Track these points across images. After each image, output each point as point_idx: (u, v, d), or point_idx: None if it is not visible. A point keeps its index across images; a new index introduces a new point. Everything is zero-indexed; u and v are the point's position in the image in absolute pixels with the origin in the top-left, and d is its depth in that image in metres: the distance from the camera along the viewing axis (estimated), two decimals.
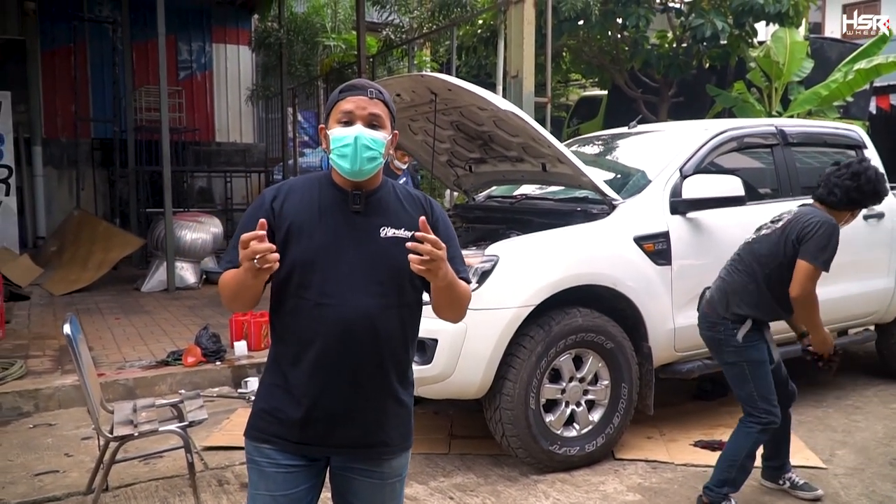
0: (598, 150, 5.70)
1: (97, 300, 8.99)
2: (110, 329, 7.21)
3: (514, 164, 4.93)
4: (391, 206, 2.03)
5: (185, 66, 14.32)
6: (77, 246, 10.65)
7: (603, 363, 4.14)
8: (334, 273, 1.93)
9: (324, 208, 1.98)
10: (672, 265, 4.30)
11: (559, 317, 3.97)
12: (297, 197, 2.00)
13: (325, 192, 2.01)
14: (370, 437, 2.01)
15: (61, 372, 5.61)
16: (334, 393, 1.95)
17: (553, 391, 4.03)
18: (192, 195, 14.03)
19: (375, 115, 1.98)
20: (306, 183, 2.06)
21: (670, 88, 11.20)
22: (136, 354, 6.15)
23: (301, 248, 1.94)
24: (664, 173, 4.51)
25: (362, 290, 1.94)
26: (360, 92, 1.99)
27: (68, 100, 13.22)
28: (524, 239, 4.11)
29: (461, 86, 4.10)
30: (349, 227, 1.98)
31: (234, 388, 5.64)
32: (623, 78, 11.28)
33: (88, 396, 3.34)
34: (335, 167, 1.99)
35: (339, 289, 1.92)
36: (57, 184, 13.17)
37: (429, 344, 3.81)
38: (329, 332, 1.92)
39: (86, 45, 13.35)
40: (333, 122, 1.99)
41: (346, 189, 2.00)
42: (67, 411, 5.16)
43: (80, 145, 13.33)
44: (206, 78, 14.57)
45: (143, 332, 7.04)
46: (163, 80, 9.36)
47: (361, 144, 1.94)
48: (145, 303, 8.81)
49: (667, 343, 4.32)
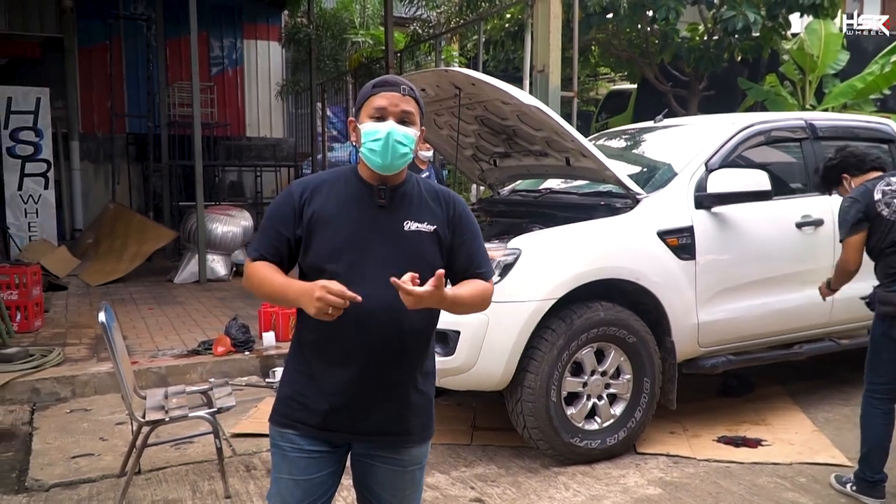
0: (623, 144, 5.68)
1: (131, 291, 9.19)
2: (144, 319, 7.38)
3: (538, 159, 4.95)
4: (415, 201, 2.07)
5: (217, 63, 14.49)
6: (112, 238, 10.88)
7: (625, 357, 4.14)
8: (359, 266, 1.98)
9: (350, 201, 2.03)
10: (696, 260, 4.28)
11: (581, 310, 3.98)
12: (324, 190, 2.05)
13: (352, 186, 2.06)
14: (391, 425, 2.06)
15: (97, 359, 5.77)
16: (357, 381, 2.00)
17: (575, 384, 4.05)
18: (223, 189, 14.22)
19: (407, 111, 2.02)
20: (333, 177, 2.11)
21: (701, 82, 11.09)
22: (168, 343, 6.29)
23: (327, 239, 1.99)
24: (689, 167, 4.49)
25: (386, 282, 1.97)
26: (393, 88, 2.02)
27: (104, 96, 13.45)
28: (547, 232, 4.13)
29: (485, 80, 4.12)
30: (374, 220, 2.02)
31: (262, 377, 5.75)
32: (653, 71, 11.19)
33: (122, 383, 3.44)
34: (365, 161, 2.03)
35: (365, 282, 1.96)
36: (93, 178, 13.43)
37: (451, 335, 3.85)
38: (353, 322, 1.95)
39: (121, 43, 13.56)
40: (365, 117, 2.03)
41: (371, 183, 2.05)
42: (103, 397, 5.31)
43: (116, 140, 13.57)
44: (237, 74, 14.73)
45: (175, 322, 7.19)
46: (195, 76, 9.51)
47: (393, 140, 1.98)
48: (177, 294, 8.98)
49: (690, 338, 4.31)
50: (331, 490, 2.13)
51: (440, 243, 2.06)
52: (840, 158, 3.83)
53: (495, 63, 12.58)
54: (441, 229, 2.06)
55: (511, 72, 11.76)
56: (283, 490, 2.08)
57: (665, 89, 11.14)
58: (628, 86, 14.45)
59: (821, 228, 4.75)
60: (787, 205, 4.75)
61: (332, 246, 1.99)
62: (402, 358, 2.03)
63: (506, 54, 11.93)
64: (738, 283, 4.45)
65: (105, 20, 13.31)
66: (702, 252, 4.31)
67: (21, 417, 4.92)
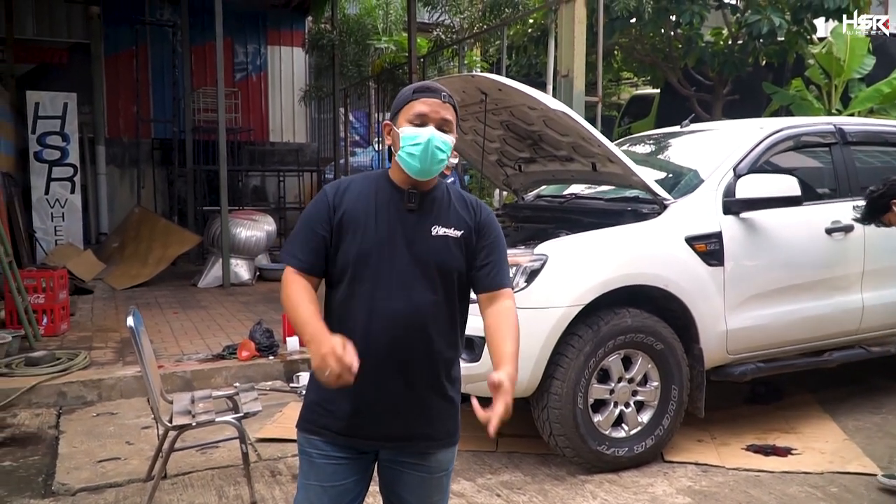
0: (649, 149, 5.64)
1: (156, 295, 9.25)
2: (168, 323, 7.42)
3: (564, 164, 4.91)
4: (444, 207, 2.08)
5: (241, 68, 14.60)
6: (137, 242, 10.98)
7: (652, 364, 4.09)
8: (387, 268, 1.98)
9: (380, 205, 2.03)
10: (725, 266, 4.22)
11: (608, 317, 3.94)
12: (355, 193, 2.06)
13: (382, 190, 2.06)
14: (416, 431, 2.06)
15: (122, 363, 5.80)
16: (383, 387, 2.00)
17: (601, 391, 4.01)
18: (246, 194, 14.31)
19: (447, 119, 2.04)
20: (364, 180, 2.11)
21: (725, 86, 10.99)
22: (193, 348, 6.32)
23: (356, 242, 2.00)
24: (717, 173, 4.43)
25: (414, 286, 1.98)
26: (435, 95, 2.03)
27: (130, 101, 13.60)
28: (573, 238, 4.09)
29: (511, 85, 4.10)
30: (403, 224, 2.02)
31: (287, 382, 5.75)
32: (676, 76, 11.11)
33: (150, 387, 3.45)
34: (402, 165, 2.03)
35: (392, 284, 1.97)
36: (119, 182, 13.56)
37: (477, 341, 3.81)
38: (380, 326, 1.96)
39: (147, 49, 13.70)
40: (404, 121, 2.03)
41: (402, 187, 2.05)
42: (128, 401, 5.34)
43: (141, 145, 13.71)
44: (261, 79, 14.83)
45: (199, 327, 7.22)
46: (220, 82, 9.59)
47: (433, 146, 2.00)
48: (202, 298, 9.03)
49: (719, 345, 4.25)
50: (359, 497, 2.12)
51: (466, 249, 2.07)
52: (888, 186, 3.82)
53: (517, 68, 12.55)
54: (467, 235, 2.07)
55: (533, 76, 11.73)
56: (311, 496, 2.08)
57: (689, 94, 11.06)
58: (651, 90, 14.37)
59: (851, 234, 4.67)
60: (817, 210, 4.68)
61: (360, 248, 1.99)
62: (429, 363, 2.03)
63: (528, 59, 11.92)
64: (767, 289, 4.39)
65: (131, 26, 13.47)
66: (730, 258, 4.25)
67: (47, 421, 4.95)
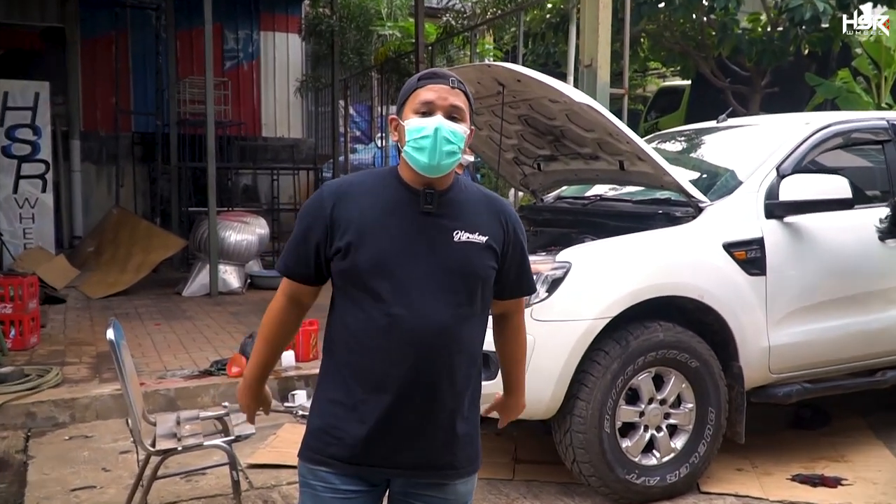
0: (681, 146, 5.63)
1: (136, 304, 9.25)
2: (150, 335, 7.42)
3: (588, 162, 4.90)
4: (464, 208, 2.04)
5: (232, 56, 14.62)
6: (115, 246, 10.98)
7: (687, 384, 4.07)
8: (405, 281, 1.94)
9: (391, 209, 1.99)
10: (767, 275, 4.20)
11: (638, 331, 3.92)
12: (360, 196, 2.01)
13: (393, 191, 2.02)
14: (437, 458, 2.03)
15: (99, 380, 5.79)
16: (403, 410, 1.97)
17: (630, 413, 3.99)
18: (236, 194, 14.33)
19: (457, 106, 1.99)
20: (371, 180, 2.07)
21: (763, 78, 10.95)
22: (177, 363, 6.31)
23: (367, 252, 1.95)
24: (759, 172, 4.42)
25: (436, 299, 1.95)
26: (442, 81, 1.99)
27: (109, 91, 13.63)
28: (599, 244, 4.09)
29: (532, 76, 4.09)
30: (420, 229, 1.98)
31: (281, 401, 5.73)
32: (709, 66, 11.08)
33: (131, 407, 3.43)
34: (409, 161, 1.99)
35: (411, 298, 1.93)
36: (95, 180, 13.58)
37: (492, 357, 3.75)
38: (400, 344, 1.93)
39: (128, 34, 13.72)
40: (409, 112, 2.00)
41: (416, 187, 2.00)
42: (105, 423, 5.32)
43: (121, 139, 13.72)
44: (253, 68, 14.86)
45: (184, 340, 7.22)
46: (209, 71, 9.61)
47: (441, 137, 1.95)
48: (187, 308, 9.03)
49: (760, 363, 4.23)
50: None
51: (493, 255, 2.03)
52: None
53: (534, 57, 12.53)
54: (493, 240, 2.03)
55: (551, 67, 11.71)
56: None
57: (723, 85, 11.02)
58: (681, 82, 14.34)
59: None
60: (869, 214, 4.65)
61: (374, 259, 1.95)
62: (451, 382, 2.00)
63: (546, 48, 11.89)
64: (813, 301, 4.37)
65: (111, 9, 13.48)
66: (773, 266, 4.23)
67: (15, 445, 4.93)
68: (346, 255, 1.96)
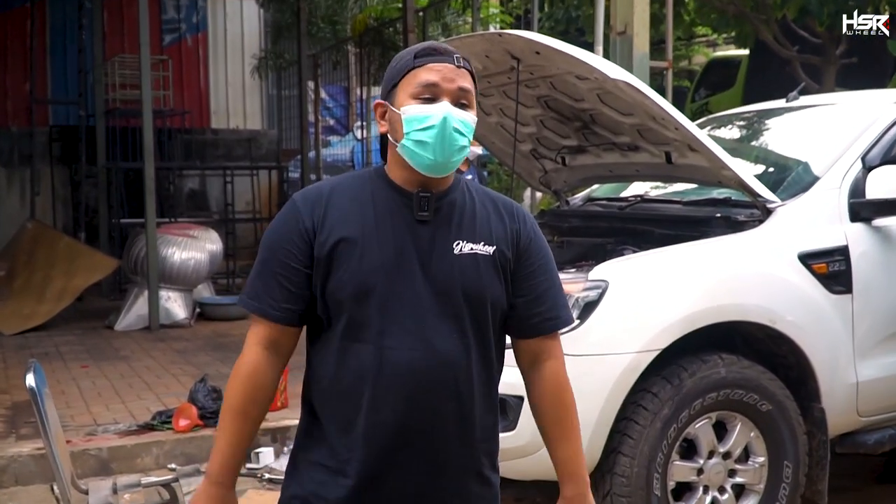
0: (740, 132, 5.68)
1: (57, 342, 9.23)
2: (76, 381, 7.39)
3: (626, 154, 4.93)
4: (467, 213, 2.04)
5: (172, 28, 14.73)
6: (31, 270, 10.98)
7: (756, 432, 4.07)
8: (397, 305, 1.94)
9: (380, 217, 1.99)
10: (853, 293, 4.21)
11: (693, 366, 3.92)
12: (342, 203, 2.01)
13: (381, 195, 2.02)
14: None
15: (16, 437, 5.78)
16: (401, 468, 1.97)
17: (686, 471, 3.98)
18: (180, 200, 14.38)
19: (465, 90, 1.99)
20: (354, 182, 2.08)
21: (838, 46, 11.02)
22: (110, 415, 6.28)
23: (353, 271, 1.95)
24: (840, 164, 4.44)
25: (436, 326, 1.95)
26: (446, 58, 1.99)
27: (21, 76, 13.71)
28: (642, 257, 4.10)
29: (554, 47, 4.10)
30: (414, 240, 1.98)
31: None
32: (771, 31, 11.15)
33: (58, 471, 3.40)
34: (408, 158, 1.98)
35: (405, 325, 1.94)
36: (6, 186, 13.67)
37: (511, 403, 3.78)
38: (394, 386, 1.93)
39: (45, 4, 13.83)
40: (405, 97, 1.99)
41: (408, 190, 2.01)
42: (26, 489, 5.30)
43: (36, 135, 13.76)
44: (200, 43, 14.97)
45: (118, 386, 7.19)
46: (144, 47, 9.61)
47: (451, 128, 1.94)
48: (121, 345, 9.00)
49: (846, 404, 4.24)
50: None
51: (502, 270, 2.04)
52: None
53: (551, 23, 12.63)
54: (502, 251, 2.03)
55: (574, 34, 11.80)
56: None
57: (789, 55, 11.09)
58: (736, 52, 14.43)
59: None
60: None
61: (360, 279, 1.95)
62: (460, 431, 2.00)
63: (566, 11, 11.97)
64: None
65: None
66: (861, 282, 4.25)
67: None
68: (328, 273, 1.96)
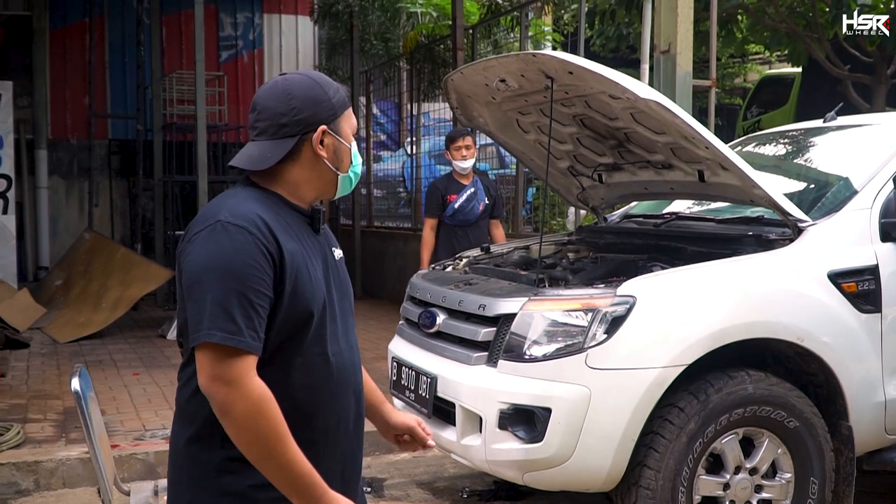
0: (782, 150, 5.67)
1: (111, 349, 9.42)
2: (127, 387, 7.56)
3: (660, 172, 4.96)
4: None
5: (229, 45, 14.86)
6: (88, 279, 11.19)
7: (783, 448, 4.08)
8: (332, 317, 2.15)
9: (299, 235, 2.13)
10: (883, 312, 4.22)
11: (720, 382, 3.94)
12: (275, 226, 2.04)
13: (287, 215, 2.13)
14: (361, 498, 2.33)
15: (66, 441, 5.95)
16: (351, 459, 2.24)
17: (712, 486, 4.00)
18: None
19: None
20: (258, 205, 2.08)
21: (890, 65, 10.89)
22: (158, 421, 6.42)
23: (306, 290, 2.06)
24: (872, 184, 4.44)
25: (348, 327, 2.23)
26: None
27: (81, 91, 13.91)
28: (671, 274, 4.11)
29: (586, 67, 4.15)
30: (322, 253, 2.20)
31: None
32: (823, 50, 11.06)
33: (100, 473, 3.52)
34: (341, 186, 2.23)
35: (338, 336, 2.17)
36: (65, 198, 13.89)
37: (539, 414, 3.83)
38: (344, 387, 2.17)
39: (104, 21, 14.02)
40: (349, 132, 2.22)
41: (303, 208, 2.20)
42: (73, 491, 5.47)
43: (95, 148, 14.01)
44: (255, 59, 15.09)
45: (168, 393, 7.32)
46: (200, 64, 9.77)
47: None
48: (172, 354, 9.11)
49: (875, 422, 4.23)
50: None
51: None
52: None
53: (602, 41, 12.63)
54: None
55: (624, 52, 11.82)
56: None
57: (841, 74, 10.99)
58: (789, 70, 14.31)
59: None
60: None
61: (314, 296, 2.09)
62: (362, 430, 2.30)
63: (617, 29, 11.98)
64: None
65: None
66: (891, 302, 4.25)
67: None
68: (292, 298, 2.02)
